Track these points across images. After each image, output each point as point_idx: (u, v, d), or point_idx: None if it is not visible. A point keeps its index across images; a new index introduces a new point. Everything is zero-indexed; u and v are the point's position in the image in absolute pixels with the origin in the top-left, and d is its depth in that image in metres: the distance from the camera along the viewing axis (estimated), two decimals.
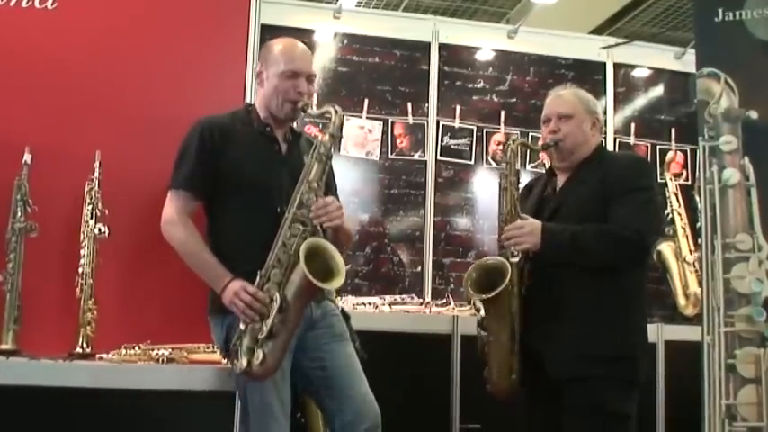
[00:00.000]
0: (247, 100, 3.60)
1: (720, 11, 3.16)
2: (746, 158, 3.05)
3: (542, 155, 4.06)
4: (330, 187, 3.18)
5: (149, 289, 3.45)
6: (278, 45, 3.17)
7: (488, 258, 3.35)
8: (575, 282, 3.16)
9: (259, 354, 2.78)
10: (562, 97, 3.43)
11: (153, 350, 3.22)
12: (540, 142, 3.46)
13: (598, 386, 3.06)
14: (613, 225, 3.13)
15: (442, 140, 5.57)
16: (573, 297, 3.16)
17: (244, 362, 2.80)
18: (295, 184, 2.96)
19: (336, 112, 3.00)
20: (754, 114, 3.05)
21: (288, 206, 2.92)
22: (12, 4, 3.44)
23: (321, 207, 2.91)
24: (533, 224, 3.20)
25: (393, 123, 5.51)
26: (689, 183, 5.58)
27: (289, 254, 2.86)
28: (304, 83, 3.09)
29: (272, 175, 3.06)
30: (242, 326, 2.86)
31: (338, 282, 2.88)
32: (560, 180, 3.41)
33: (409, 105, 5.55)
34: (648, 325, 3.32)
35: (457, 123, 5.62)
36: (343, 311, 3.23)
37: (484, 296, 3.19)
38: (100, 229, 3.23)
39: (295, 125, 3.30)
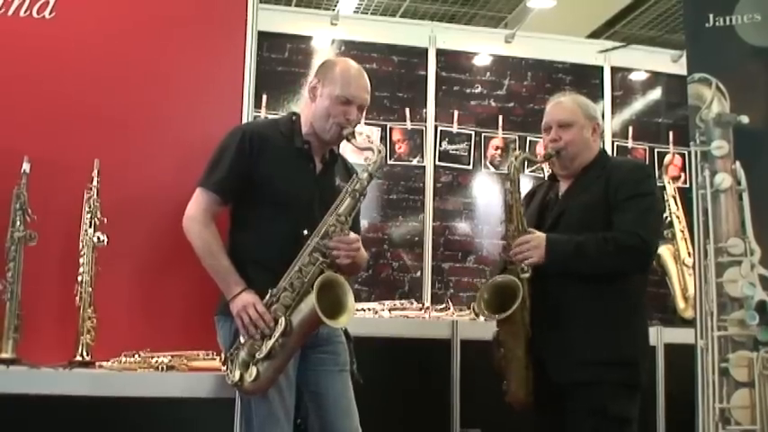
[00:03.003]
0: (245, 107, 3.60)
1: (711, 16, 3.16)
2: (738, 163, 3.05)
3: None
4: (355, 215, 3.17)
5: (149, 297, 3.45)
6: (339, 66, 3.17)
7: (498, 277, 3.32)
8: (577, 287, 3.17)
9: (253, 371, 2.82)
10: (562, 104, 3.41)
11: (153, 358, 3.21)
12: (542, 150, 3.47)
13: (601, 391, 3.08)
14: (617, 233, 3.14)
15: (440, 145, 5.60)
16: (575, 303, 3.17)
17: (237, 375, 2.85)
18: (324, 205, 2.99)
19: (379, 152, 3.02)
20: (745, 119, 3.05)
21: (313, 232, 2.94)
22: (10, 13, 3.44)
23: (342, 242, 2.93)
24: (539, 237, 3.20)
25: (391, 129, 5.54)
26: (687, 185, 5.57)
27: (303, 280, 2.88)
28: (355, 111, 3.08)
29: (302, 193, 3.07)
30: (242, 338, 2.89)
31: (345, 320, 2.91)
32: (563, 186, 3.42)
33: (407, 111, 5.58)
34: (648, 328, 3.34)
35: (455, 128, 5.64)
36: (346, 333, 3.23)
37: (498, 316, 3.20)
38: (99, 238, 3.23)
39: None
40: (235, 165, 3.03)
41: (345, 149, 3.33)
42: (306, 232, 2.96)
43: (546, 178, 3.62)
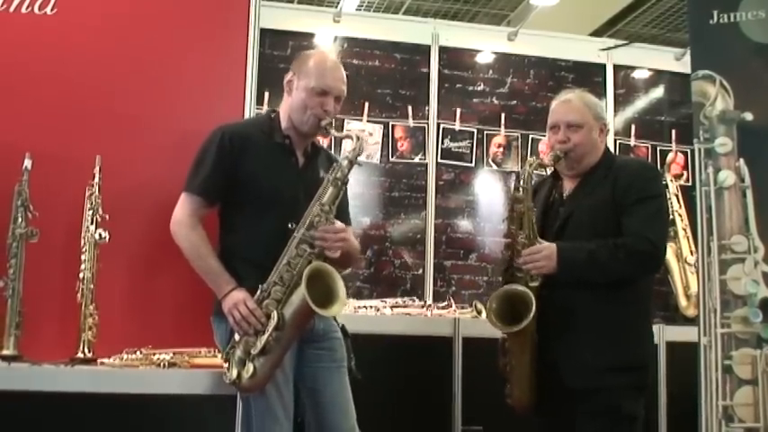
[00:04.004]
0: (247, 104, 3.60)
1: (715, 13, 3.15)
2: (742, 160, 3.04)
3: (543, 155, 4.06)
4: (341, 203, 3.15)
5: (150, 293, 3.45)
6: (313, 58, 3.18)
7: (511, 286, 3.26)
8: (585, 292, 3.15)
9: (250, 368, 2.82)
10: (571, 104, 3.35)
11: (154, 355, 3.21)
12: (546, 149, 3.45)
13: (612, 393, 3.08)
14: (628, 238, 3.12)
15: (442, 143, 5.59)
16: (583, 307, 3.16)
17: (234, 373, 2.85)
18: (310, 199, 2.98)
19: (358, 138, 3.02)
20: (749, 116, 3.04)
21: (298, 225, 2.94)
22: (11, 9, 3.44)
23: (328, 231, 2.93)
24: (550, 247, 3.16)
25: (393, 126, 5.53)
26: (689, 184, 5.58)
27: (292, 273, 2.88)
28: (331, 101, 3.09)
29: (286, 189, 3.07)
30: (236, 336, 2.90)
31: (338, 309, 2.92)
32: (567, 185, 3.39)
33: (409, 108, 5.57)
34: None
35: (457, 126, 5.63)
36: (343, 329, 3.22)
37: (510, 329, 3.17)
38: (100, 234, 3.23)
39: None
40: (217, 165, 3.04)
41: (347, 148, 3.30)
42: (290, 225, 2.96)
43: (548, 174, 3.59)
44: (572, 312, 3.17)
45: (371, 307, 4.74)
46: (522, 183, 3.29)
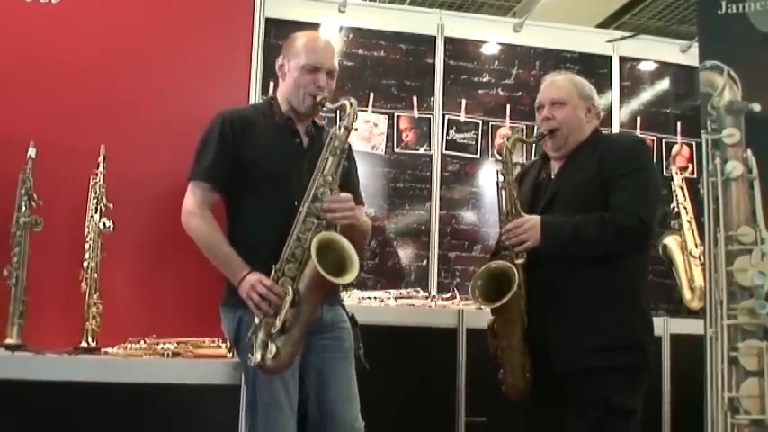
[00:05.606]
0: (252, 94, 3.60)
1: (723, 3, 3.15)
2: (749, 151, 3.03)
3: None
4: (352, 182, 3.18)
5: (154, 283, 3.46)
6: (301, 38, 3.18)
7: (493, 262, 3.27)
8: (576, 272, 3.13)
9: (272, 348, 2.78)
10: (556, 83, 3.38)
11: (158, 344, 3.22)
12: (535, 130, 3.43)
13: (605, 378, 3.04)
14: (615, 213, 3.09)
15: (447, 134, 5.56)
16: (575, 287, 3.13)
17: (258, 356, 2.81)
18: None
19: (352, 105, 3.00)
20: (756, 107, 3.04)
21: (302, 199, 2.92)
22: None
23: (334, 201, 2.91)
24: (533, 219, 3.14)
25: (398, 117, 5.50)
26: (695, 176, 5.57)
27: (303, 248, 2.86)
28: (324, 77, 3.08)
29: (291, 169, 3.06)
30: (257, 320, 2.86)
31: (351, 276, 2.86)
32: (555, 165, 3.38)
33: (415, 99, 5.54)
34: (654, 318, 3.29)
35: (462, 117, 5.61)
36: (352, 318, 3.22)
37: (493, 305, 3.15)
38: (105, 224, 3.24)
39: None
40: (220, 150, 3.03)
41: (352, 139, 3.28)
42: (296, 203, 2.94)
43: (539, 158, 3.57)
44: (558, 293, 3.14)
45: (375, 298, 4.74)
46: (502, 157, 3.34)
